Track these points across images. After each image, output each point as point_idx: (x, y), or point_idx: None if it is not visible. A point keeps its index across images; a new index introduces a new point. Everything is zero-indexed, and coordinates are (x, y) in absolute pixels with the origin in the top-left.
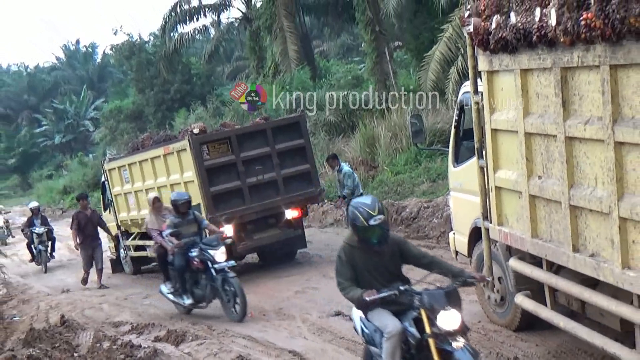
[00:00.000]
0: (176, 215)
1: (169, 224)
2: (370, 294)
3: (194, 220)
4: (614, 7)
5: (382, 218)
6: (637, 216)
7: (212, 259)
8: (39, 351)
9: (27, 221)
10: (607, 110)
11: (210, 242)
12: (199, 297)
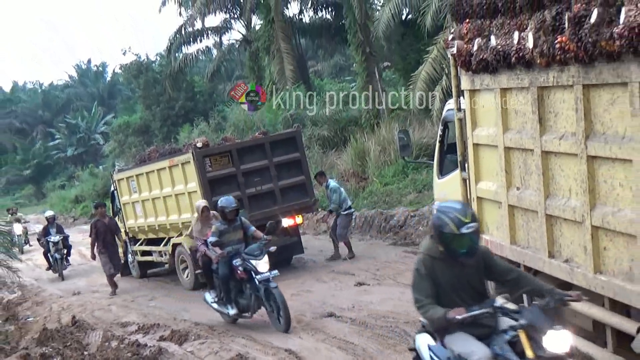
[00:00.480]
0: (222, 221)
1: (214, 230)
2: (459, 312)
3: (240, 226)
4: (587, 31)
5: (475, 226)
6: (607, 224)
7: (255, 269)
8: (52, 350)
9: (43, 230)
10: (580, 127)
11: (253, 251)
12: (244, 307)
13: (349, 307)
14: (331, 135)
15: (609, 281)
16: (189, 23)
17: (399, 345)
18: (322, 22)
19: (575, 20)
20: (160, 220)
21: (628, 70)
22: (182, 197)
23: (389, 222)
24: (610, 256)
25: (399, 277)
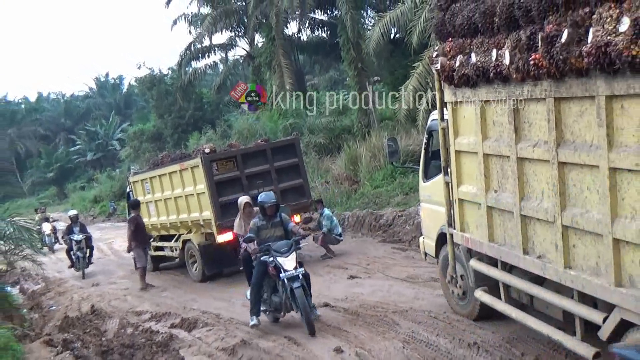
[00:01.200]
0: (261, 217)
1: (252, 226)
2: None
3: (280, 222)
4: (558, 49)
5: None
6: (576, 224)
7: (281, 267)
8: (73, 335)
9: (67, 228)
10: (551, 136)
11: (280, 248)
12: (276, 306)
13: (342, 298)
14: (326, 142)
15: (578, 275)
16: (198, 40)
17: (388, 332)
18: (319, 40)
19: (547, 39)
20: (171, 219)
21: (595, 85)
22: (192, 197)
23: (378, 221)
24: (579, 253)
25: (387, 271)
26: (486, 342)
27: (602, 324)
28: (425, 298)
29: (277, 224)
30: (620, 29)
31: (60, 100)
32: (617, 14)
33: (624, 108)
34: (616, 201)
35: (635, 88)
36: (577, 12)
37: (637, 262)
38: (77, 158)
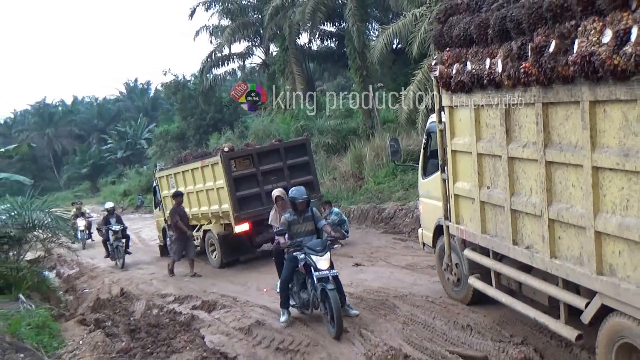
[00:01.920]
0: (292, 212)
1: (283, 221)
2: None
3: (312, 218)
4: (546, 59)
5: None
6: (562, 218)
7: (315, 266)
8: (104, 316)
9: (104, 220)
10: (540, 137)
11: (315, 246)
12: (304, 302)
13: (347, 283)
14: (334, 142)
15: (563, 264)
16: (218, 49)
17: (389, 315)
18: (327, 50)
19: (536, 49)
20: (193, 211)
21: (580, 91)
22: (212, 192)
23: (381, 214)
24: (564, 244)
25: (389, 259)
26: (478, 325)
27: (585, 308)
28: (423, 284)
29: (309, 219)
30: (603, 41)
31: (94, 103)
32: (600, 26)
33: (606, 112)
34: (598, 197)
35: (616, 94)
36: (563, 24)
37: (617, 253)
38: (108, 155)
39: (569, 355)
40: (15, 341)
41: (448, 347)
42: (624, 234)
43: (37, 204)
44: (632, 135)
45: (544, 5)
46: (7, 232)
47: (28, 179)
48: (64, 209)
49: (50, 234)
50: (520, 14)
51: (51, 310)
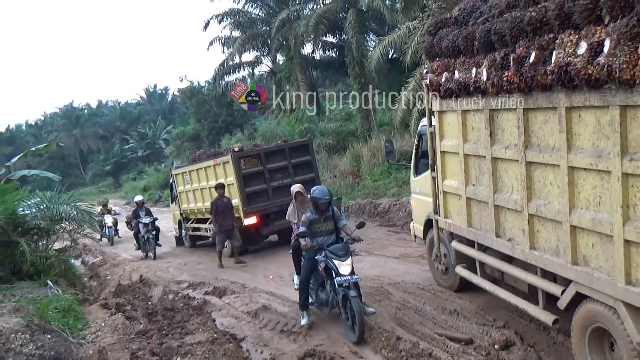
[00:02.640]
0: (314, 211)
1: (304, 220)
2: None
3: (332, 217)
4: (527, 68)
5: None
6: (540, 213)
7: (336, 270)
8: (124, 300)
9: (133, 213)
10: (520, 140)
11: (337, 250)
12: (322, 302)
13: None
14: (334, 143)
15: (541, 255)
16: (230, 58)
17: (383, 300)
18: (329, 59)
19: (518, 60)
20: (206, 205)
21: (557, 98)
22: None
23: (377, 209)
24: (542, 237)
25: (384, 250)
26: (464, 310)
27: (561, 295)
28: (415, 273)
29: (329, 218)
30: (579, 52)
31: (117, 107)
32: (576, 39)
33: (581, 117)
34: (573, 194)
35: (590, 101)
36: (542, 37)
37: (590, 245)
38: (129, 154)
39: (546, 337)
40: (43, 323)
41: (437, 330)
42: (597, 228)
43: (64, 198)
44: (605, 138)
45: (524, 20)
46: (37, 224)
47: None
48: (88, 203)
49: (76, 225)
50: (503, 27)
51: (76, 295)
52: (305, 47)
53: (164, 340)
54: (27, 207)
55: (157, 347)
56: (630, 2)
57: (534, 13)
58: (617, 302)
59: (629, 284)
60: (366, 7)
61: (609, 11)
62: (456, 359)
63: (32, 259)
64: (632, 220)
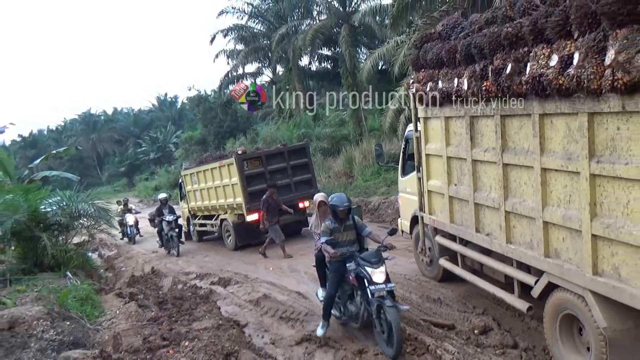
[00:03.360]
0: (333, 220)
1: (324, 229)
2: None
3: (353, 226)
4: (504, 78)
5: None
6: (515, 210)
7: (369, 278)
8: (137, 290)
9: (157, 210)
10: (498, 143)
11: (369, 257)
12: (352, 314)
13: None
14: (329, 147)
15: (516, 249)
16: (234, 69)
17: None
18: (324, 70)
19: (496, 71)
20: (212, 203)
21: (531, 105)
22: (227, 187)
23: (368, 206)
24: (517, 232)
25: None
26: (447, 298)
27: (534, 285)
28: (402, 264)
29: (350, 228)
30: (551, 64)
31: (130, 113)
32: (548, 52)
33: (553, 123)
34: (546, 193)
35: (561, 108)
36: (518, 50)
37: (561, 239)
38: (142, 157)
39: (521, 323)
40: (63, 311)
41: (422, 317)
42: (567, 223)
43: (82, 197)
44: (574, 142)
45: (501, 35)
46: (58, 220)
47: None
48: (105, 201)
49: (93, 221)
50: (482, 41)
51: (93, 285)
52: (303, 59)
53: (173, 327)
54: (48, 205)
55: (167, 332)
56: (597, 19)
57: (510, 28)
58: (585, 291)
59: (595, 275)
60: (358, 22)
61: (578, 27)
62: (439, 343)
63: (53, 252)
64: (598, 217)
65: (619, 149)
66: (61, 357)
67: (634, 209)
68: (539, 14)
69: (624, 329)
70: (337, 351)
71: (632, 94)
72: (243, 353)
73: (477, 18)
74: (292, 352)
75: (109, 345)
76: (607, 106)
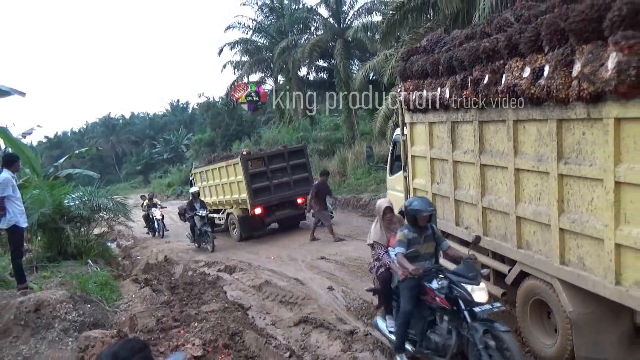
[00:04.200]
0: (411, 228)
1: (401, 238)
2: None
3: (432, 237)
4: (482, 88)
5: None
6: (491, 206)
7: (469, 298)
8: (151, 276)
9: (189, 205)
10: (476, 146)
11: (465, 272)
12: (437, 346)
13: (333, 253)
14: (325, 148)
15: (492, 240)
16: (239, 78)
17: (363, 277)
18: (321, 79)
19: (475, 81)
20: (219, 198)
21: (506, 113)
22: (233, 184)
23: (359, 202)
24: (493, 225)
25: (364, 236)
26: None
27: (508, 273)
28: None
29: (430, 239)
30: (524, 75)
31: (146, 117)
32: (521, 65)
33: (525, 128)
34: (519, 191)
35: (533, 115)
36: (494, 63)
37: (532, 232)
38: (157, 157)
39: None
40: (84, 295)
41: None
42: (537, 218)
43: (102, 193)
44: (544, 145)
45: (480, 49)
46: (80, 213)
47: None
48: (122, 196)
49: (112, 214)
50: (463, 54)
51: (112, 271)
52: (302, 70)
53: (184, 309)
54: (71, 200)
55: (178, 314)
56: (565, 36)
57: (488, 43)
58: (553, 279)
59: (562, 264)
60: (351, 37)
61: (548, 42)
62: None
63: (75, 242)
64: (565, 212)
65: (584, 152)
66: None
67: (597, 206)
68: (514, 31)
69: (587, 313)
70: (331, 332)
71: (596, 103)
72: (247, 333)
73: (458, 34)
74: (290, 332)
75: (125, 326)
76: (574, 113)
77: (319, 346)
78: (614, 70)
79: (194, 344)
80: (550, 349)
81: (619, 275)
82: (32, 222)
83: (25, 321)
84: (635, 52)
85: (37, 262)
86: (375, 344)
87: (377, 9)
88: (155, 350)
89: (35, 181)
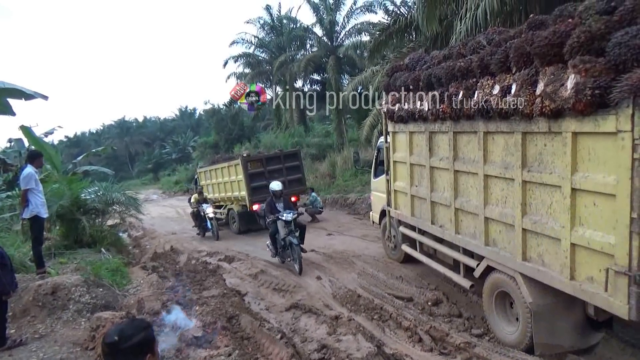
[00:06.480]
0: None
1: None
2: None
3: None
4: (456, 102)
5: None
6: (463, 207)
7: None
8: (158, 264)
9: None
10: (451, 154)
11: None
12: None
13: (322, 246)
14: (317, 152)
15: (463, 238)
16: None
17: (348, 268)
18: (315, 91)
19: (450, 96)
20: (221, 195)
21: (477, 125)
22: (234, 183)
23: (346, 201)
24: (464, 224)
25: (350, 232)
26: (407, 276)
27: (476, 267)
28: (372, 248)
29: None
30: (494, 92)
31: (157, 121)
32: (492, 83)
33: (494, 139)
34: (487, 194)
35: (501, 128)
36: (468, 81)
37: (498, 231)
38: (166, 157)
39: (465, 297)
40: (97, 279)
41: (387, 291)
42: (503, 219)
43: (115, 188)
44: (510, 155)
45: (455, 68)
46: (95, 206)
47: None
48: (134, 191)
49: (124, 208)
50: (440, 72)
51: (123, 259)
52: (297, 82)
53: (187, 294)
54: (88, 194)
55: (181, 298)
56: (530, 58)
57: (462, 63)
58: (516, 273)
59: (524, 260)
60: (342, 54)
61: (516, 64)
62: (400, 311)
63: (90, 232)
64: (528, 215)
65: (545, 161)
66: (94, 317)
67: (555, 209)
68: (485, 53)
69: (545, 304)
70: (318, 316)
71: (556, 118)
72: (243, 316)
73: (437, 54)
74: (282, 317)
75: (134, 308)
76: (537, 127)
77: (307, 329)
78: (572, 90)
79: (195, 325)
80: (513, 335)
81: (573, 271)
82: (52, 213)
83: (42, 302)
84: (591, 74)
85: (55, 249)
86: (358, 328)
87: (366, 30)
88: (159, 331)
89: (55, 176)
